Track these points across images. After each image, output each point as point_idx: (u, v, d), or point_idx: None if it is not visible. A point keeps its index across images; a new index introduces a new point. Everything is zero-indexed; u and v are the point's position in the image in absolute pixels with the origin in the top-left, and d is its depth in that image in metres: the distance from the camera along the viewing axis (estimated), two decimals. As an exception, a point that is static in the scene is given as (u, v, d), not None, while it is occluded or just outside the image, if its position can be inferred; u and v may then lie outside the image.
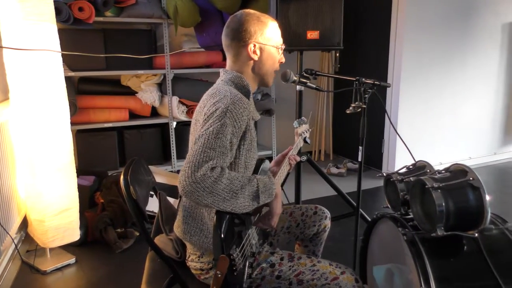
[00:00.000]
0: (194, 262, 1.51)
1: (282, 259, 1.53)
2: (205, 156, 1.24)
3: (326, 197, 3.69)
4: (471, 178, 1.50)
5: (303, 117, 2.13)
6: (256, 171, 1.57)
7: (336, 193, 2.92)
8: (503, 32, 4.63)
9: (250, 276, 1.45)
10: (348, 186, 3.74)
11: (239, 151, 1.42)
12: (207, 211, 1.48)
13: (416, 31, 4.09)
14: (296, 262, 1.52)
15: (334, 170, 4.47)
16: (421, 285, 1.42)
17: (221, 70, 1.59)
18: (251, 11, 1.57)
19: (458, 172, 1.58)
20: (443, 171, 1.65)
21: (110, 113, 3.82)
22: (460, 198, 1.49)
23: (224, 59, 2.52)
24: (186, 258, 1.55)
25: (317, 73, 2.24)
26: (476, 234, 1.51)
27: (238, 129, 1.36)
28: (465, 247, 1.57)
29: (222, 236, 1.26)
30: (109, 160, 3.81)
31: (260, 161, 1.59)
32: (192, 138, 1.49)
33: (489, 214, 1.46)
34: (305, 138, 2.09)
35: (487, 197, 1.46)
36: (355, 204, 2.21)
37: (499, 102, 4.85)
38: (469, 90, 4.58)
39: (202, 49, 3.99)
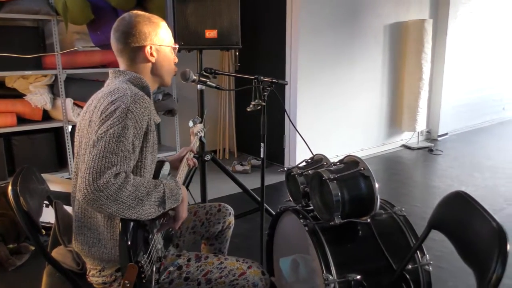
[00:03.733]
0: (95, 277, 1.43)
1: (189, 260, 1.52)
2: (106, 162, 1.17)
3: (232, 195, 3.74)
4: (362, 168, 1.63)
5: (197, 116, 2.13)
6: (156, 173, 1.51)
7: (241, 190, 2.97)
8: (385, 33, 5.07)
9: (158, 282, 1.42)
10: (253, 182, 3.83)
11: (143, 153, 1.35)
12: (102, 219, 1.38)
13: (309, 32, 4.31)
14: (204, 261, 1.53)
15: (239, 167, 4.55)
16: (323, 272, 1.51)
17: (112, 70, 1.49)
18: (139, 12, 1.50)
19: (351, 163, 1.71)
20: (338, 163, 1.77)
21: (-6, 118, 3.48)
22: (353, 187, 1.61)
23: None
24: (87, 273, 1.46)
25: (216, 72, 2.26)
26: (369, 220, 1.65)
27: (140, 130, 1.29)
28: (360, 232, 1.70)
29: (129, 243, 1.21)
30: (-5, 170, 3.47)
31: (161, 163, 1.55)
32: (84, 140, 1.37)
33: (379, 200, 1.60)
34: (200, 137, 2.09)
35: (376, 185, 1.59)
36: (260, 199, 2.27)
37: (384, 98, 5.30)
38: (358, 87, 4.94)
39: (97, 48, 3.80)
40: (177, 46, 1.59)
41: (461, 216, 1.36)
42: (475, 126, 6.65)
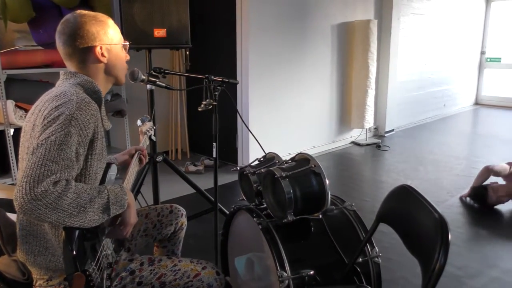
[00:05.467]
0: (43, 287, 1.36)
1: (142, 264, 1.49)
2: (45, 170, 1.10)
3: (186, 196, 3.70)
4: (313, 166, 1.66)
5: (146, 115, 2.10)
6: (103, 177, 1.45)
7: (195, 191, 2.95)
8: (333, 32, 5.19)
9: (109, 288, 1.38)
10: (206, 182, 3.80)
11: (87, 161, 1.30)
12: (49, 226, 1.32)
13: (259, 32, 4.33)
14: (157, 265, 1.50)
15: (192, 168, 4.51)
16: (277, 269, 1.53)
17: (63, 71, 1.42)
18: (83, 11, 1.42)
19: (302, 160, 1.74)
20: (290, 161, 1.79)
21: None
22: (305, 184, 1.64)
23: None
24: (34, 283, 1.39)
25: (166, 71, 2.22)
26: (321, 216, 1.68)
27: (85, 137, 1.23)
28: (313, 228, 1.74)
29: (74, 253, 1.16)
30: None
31: (107, 166, 1.48)
32: (27, 144, 1.31)
33: (330, 196, 1.64)
34: (150, 136, 2.06)
35: (327, 181, 1.63)
36: (213, 199, 2.26)
37: (334, 96, 5.43)
38: (308, 86, 5.03)
39: (40, 47, 3.64)
40: (127, 43, 1.55)
41: (406, 209, 1.42)
42: (419, 122, 6.97)
